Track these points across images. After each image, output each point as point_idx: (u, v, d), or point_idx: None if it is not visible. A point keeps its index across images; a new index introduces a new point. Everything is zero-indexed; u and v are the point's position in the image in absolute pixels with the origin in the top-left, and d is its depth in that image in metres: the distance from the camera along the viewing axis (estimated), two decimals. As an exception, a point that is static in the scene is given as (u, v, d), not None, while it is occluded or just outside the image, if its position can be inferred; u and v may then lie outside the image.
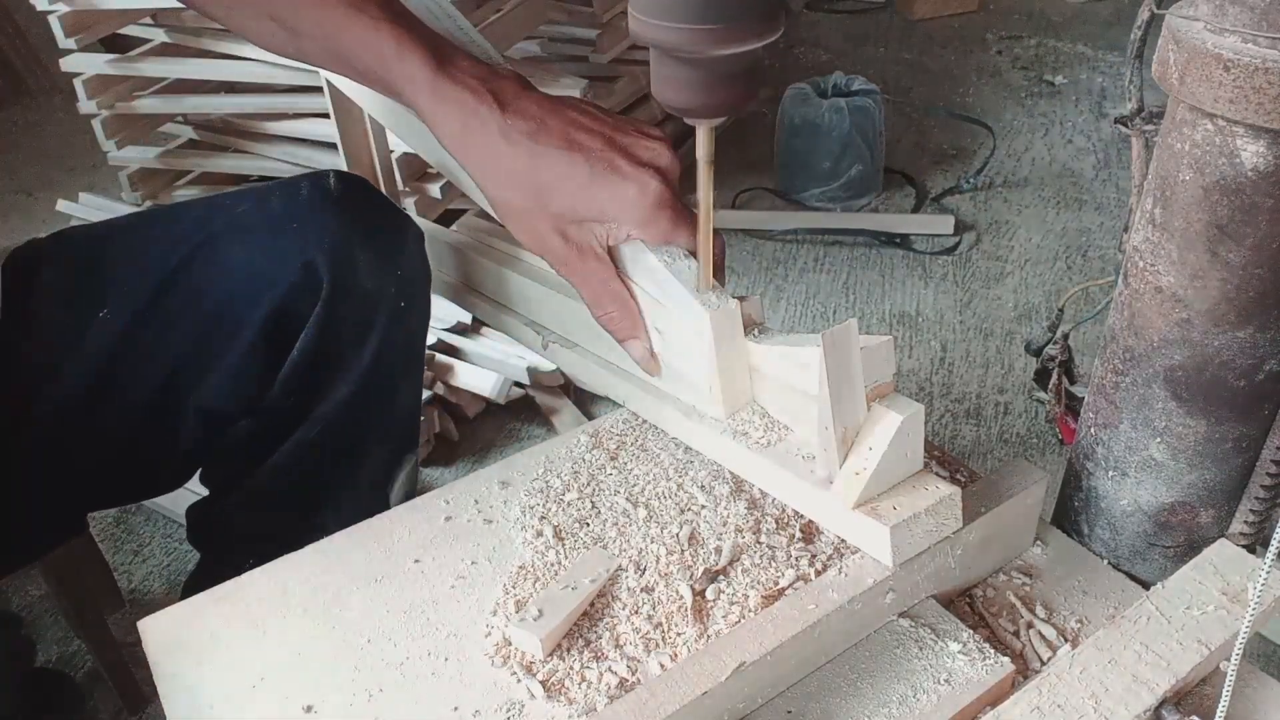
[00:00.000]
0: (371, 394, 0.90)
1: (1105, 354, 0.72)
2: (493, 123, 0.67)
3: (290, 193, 0.86)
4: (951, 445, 1.69)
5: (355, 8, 0.69)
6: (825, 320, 2.05)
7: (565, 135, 0.67)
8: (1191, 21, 0.58)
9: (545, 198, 0.67)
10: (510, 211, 0.70)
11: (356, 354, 0.88)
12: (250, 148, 2.15)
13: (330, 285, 0.84)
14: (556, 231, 0.69)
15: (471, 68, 0.69)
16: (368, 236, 0.87)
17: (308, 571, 0.70)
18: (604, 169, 0.66)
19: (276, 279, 0.84)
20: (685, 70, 0.62)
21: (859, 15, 3.65)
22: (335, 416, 0.90)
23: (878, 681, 0.63)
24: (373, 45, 0.69)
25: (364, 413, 0.91)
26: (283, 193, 0.87)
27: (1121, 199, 2.39)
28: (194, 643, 0.66)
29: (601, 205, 0.67)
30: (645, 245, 0.70)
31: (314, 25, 0.71)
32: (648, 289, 0.71)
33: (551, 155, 0.66)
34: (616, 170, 0.67)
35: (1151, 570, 0.74)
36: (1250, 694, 0.63)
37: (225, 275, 0.85)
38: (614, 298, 0.71)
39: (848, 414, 0.62)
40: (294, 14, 0.72)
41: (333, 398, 0.89)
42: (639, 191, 0.67)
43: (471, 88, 0.67)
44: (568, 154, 0.66)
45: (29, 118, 3.05)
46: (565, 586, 0.65)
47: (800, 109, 2.35)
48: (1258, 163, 0.57)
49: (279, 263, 0.84)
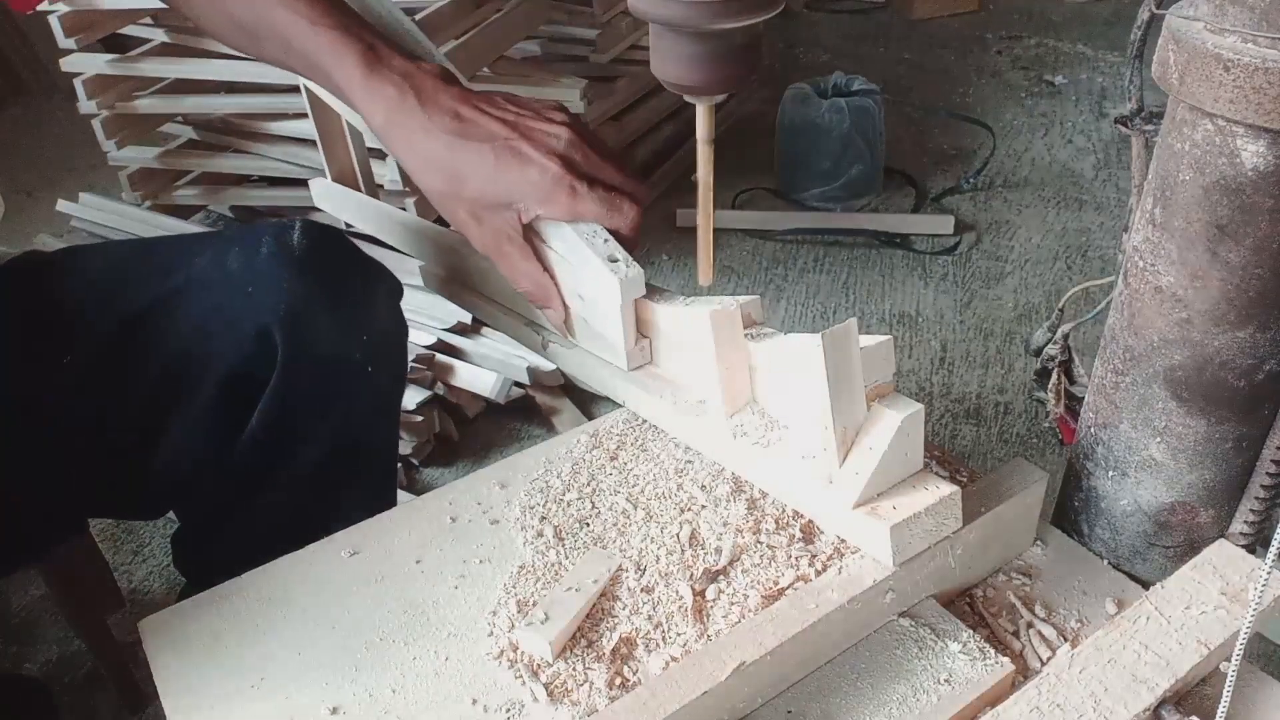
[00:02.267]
0: (341, 458, 0.88)
1: (1105, 354, 0.72)
2: (414, 116, 0.72)
3: (250, 249, 0.82)
4: (951, 445, 1.69)
5: (297, 10, 0.74)
6: (825, 320, 2.05)
7: (477, 125, 0.72)
8: (1191, 21, 0.58)
9: (460, 184, 0.72)
10: (433, 196, 0.74)
11: (320, 422, 0.85)
12: (250, 148, 2.15)
13: (286, 355, 0.80)
14: (473, 216, 0.73)
15: (400, 64, 0.74)
16: (331, 299, 0.82)
17: (308, 571, 0.70)
18: (508, 155, 0.71)
19: (230, 345, 0.81)
20: (684, 46, 0.62)
21: (859, 15, 3.65)
22: (303, 480, 0.88)
23: (878, 681, 0.63)
24: (312, 44, 0.74)
25: (333, 476, 0.89)
26: (244, 248, 0.82)
27: (1121, 199, 2.39)
28: (194, 643, 0.66)
29: (508, 189, 0.71)
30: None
31: (267, 28, 0.76)
32: (567, 257, 0.74)
33: (464, 145, 0.71)
34: (519, 155, 0.71)
35: (1151, 570, 0.74)
36: (1250, 694, 0.63)
37: (179, 336, 0.82)
38: (527, 274, 0.76)
39: (848, 414, 0.62)
40: (250, 16, 0.77)
41: (298, 463, 0.86)
42: (539, 174, 0.71)
43: (396, 84, 0.73)
44: (478, 144, 0.71)
45: (29, 118, 3.05)
46: (569, 588, 0.65)
47: (800, 109, 2.35)
48: (1258, 163, 0.57)
49: (233, 328, 0.81)
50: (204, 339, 0.81)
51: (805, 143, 2.35)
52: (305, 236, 0.82)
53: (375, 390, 0.88)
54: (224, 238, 0.85)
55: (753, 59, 0.64)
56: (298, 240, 0.81)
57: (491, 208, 0.73)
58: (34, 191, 2.53)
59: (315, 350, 0.82)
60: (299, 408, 0.84)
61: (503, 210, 0.73)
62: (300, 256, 0.81)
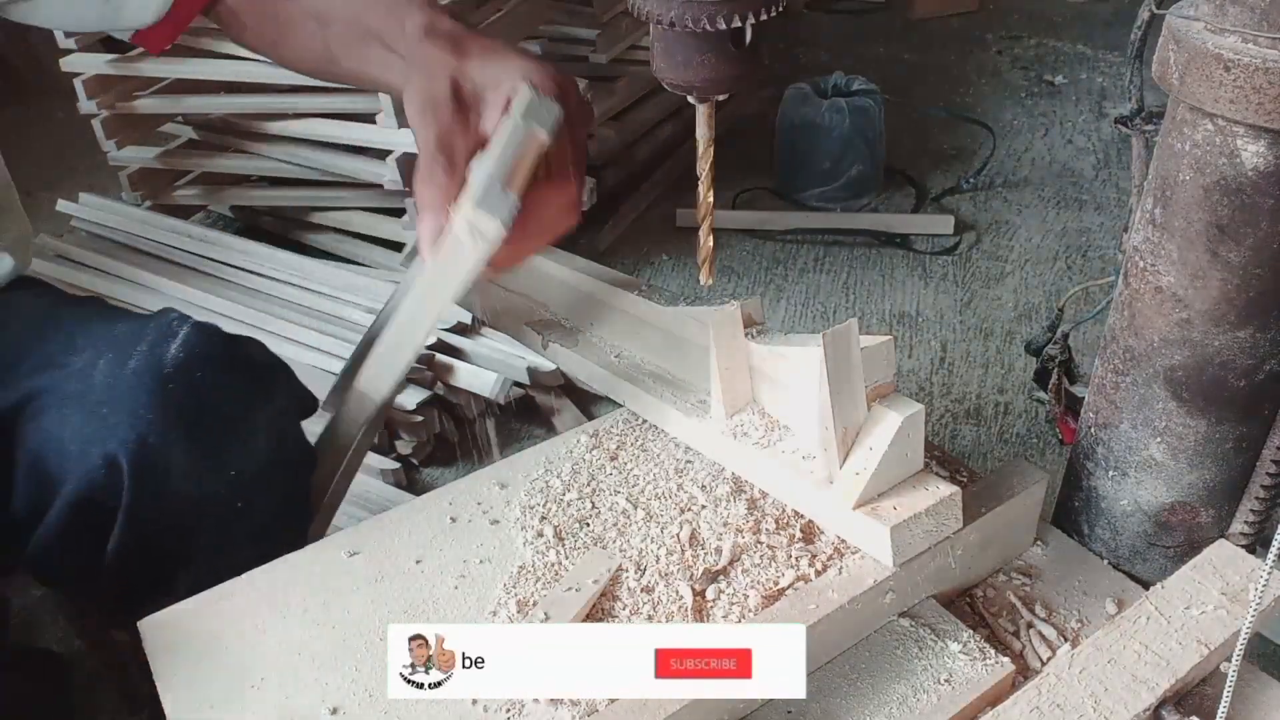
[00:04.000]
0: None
1: (1105, 354, 0.71)
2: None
3: (122, 357, 0.74)
4: (951, 445, 1.69)
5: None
6: (825, 320, 2.04)
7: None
8: (1191, 21, 0.58)
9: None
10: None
11: (181, 565, 0.77)
12: (250, 148, 2.15)
13: (132, 488, 0.72)
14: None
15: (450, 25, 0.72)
16: (194, 429, 0.73)
17: (308, 571, 0.70)
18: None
19: (77, 468, 0.73)
20: (685, 46, 0.62)
21: (859, 15, 3.65)
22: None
23: (878, 681, 0.63)
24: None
25: None
26: (118, 354, 0.74)
27: (1121, 199, 2.39)
28: (194, 643, 0.66)
29: (505, 69, 0.68)
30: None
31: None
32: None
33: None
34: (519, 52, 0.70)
35: (1151, 570, 0.74)
36: (1250, 694, 0.63)
37: (36, 444, 0.76)
38: (448, 156, 0.66)
39: (848, 414, 0.62)
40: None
41: (169, 597, 0.73)
42: (537, 63, 0.69)
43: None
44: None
45: (29, 118, 3.05)
46: (569, 588, 0.65)
47: (800, 109, 2.35)
48: (1258, 163, 0.57)
49: (82, 450, 0.73)
50: (56, 455, 0.75)
51: (805, 143, 2.35)
52: (184, 349, 0.74)
53: (253, 528, 0.78)
54: (108, 339, 0.77)
55: (753, 59, 0.64)
56: (173, 353, 0.74)
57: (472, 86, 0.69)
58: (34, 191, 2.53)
59: (169, 486, 0.73)
60: (153, 546, 0.76)
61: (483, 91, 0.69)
62: (168, 374, 0.73)
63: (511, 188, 0.61)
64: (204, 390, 0.75)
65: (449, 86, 0.68)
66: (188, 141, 2.26)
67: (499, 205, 0.60)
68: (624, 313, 0.82)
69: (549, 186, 0.66)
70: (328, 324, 1.77)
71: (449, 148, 0.66)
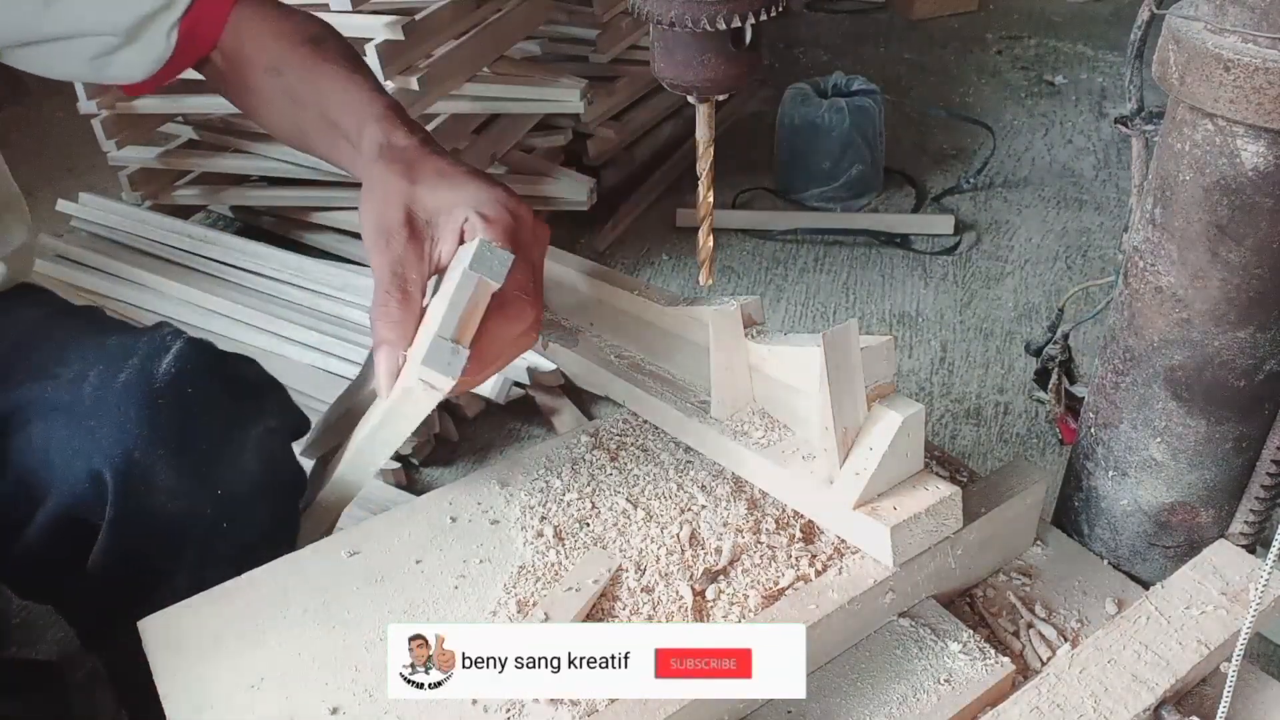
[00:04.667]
0: None
1: (1105, 354, 0.71)
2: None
3: (112, 370, 0.73)
4: (951, 445, 1.69)
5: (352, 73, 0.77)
6: (825, 320, 2.04)
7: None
8: (1191, 21, 0.58)
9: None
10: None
11: (164, 581, 0.75)
12: (250, 148, 2.15)
13: (116, 504, 0.72)
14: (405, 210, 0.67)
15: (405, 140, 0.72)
16: (181, 445, 0.73)
17: (308, 572, 0.70)
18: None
19: (61, 481, 0.73)
20: (685, 46, 0.62)
21: (859, 15, 3.65)
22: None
23: (878, 681, 0.63)
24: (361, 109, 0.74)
25: None
26: (108, 367, 0.74)
27: (1121, 199, 2.39)
28: (194, 643, 0.66)
29: (457, 196, 0.67)
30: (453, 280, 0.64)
31: (312, 92, 0.77)
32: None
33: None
34: (474, 176, 0.68)
35: (1151, 570, 0.74)
36: (1250, 694, 0.63)
37: (22, 457, 0.75)
38: (402, 289, 0.65)
39: (848, 414, 0.62)
40: (300, 81, 0.78)
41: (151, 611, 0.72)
42: (489, 187, 0.68)
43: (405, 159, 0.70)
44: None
45: (29, 118, 3.05)
46: (569, 588, 0.65)
47: (800, 109, 2.35)
48: (1258, 163, 0.57)
49: (67, 463, 0.72)
50: (43, 467, 0.74)
51: (805, 143, 2.35)
52: (176, 363, 0.73)
53: (238, 548, 0.76)
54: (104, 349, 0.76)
55: (753, 59, 0.64)
56: (164, 368, 0.73)
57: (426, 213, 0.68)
58: (34, 191, 2.53)
59: (153, 503, 0.72)
60: (136, 563, 0.75)
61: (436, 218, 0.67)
62: (158, 389, 0.72)
63: (462, 340, 0.61)
64: (194, 407, 0.73)
65: (402, 215, 0.66)
66: (188, 141, 2.26)
67: (448, 362, 0.60)
68: (624, 313, 0.82)
69: (504, 316, 0.64)
70: (328, 324, 1.77)
71: (403, 279, 0.65)
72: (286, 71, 0.80)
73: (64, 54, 0.79)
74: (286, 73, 0.80)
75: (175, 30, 0.79)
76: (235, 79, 0.84)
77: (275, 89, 0.81)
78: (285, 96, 0.80)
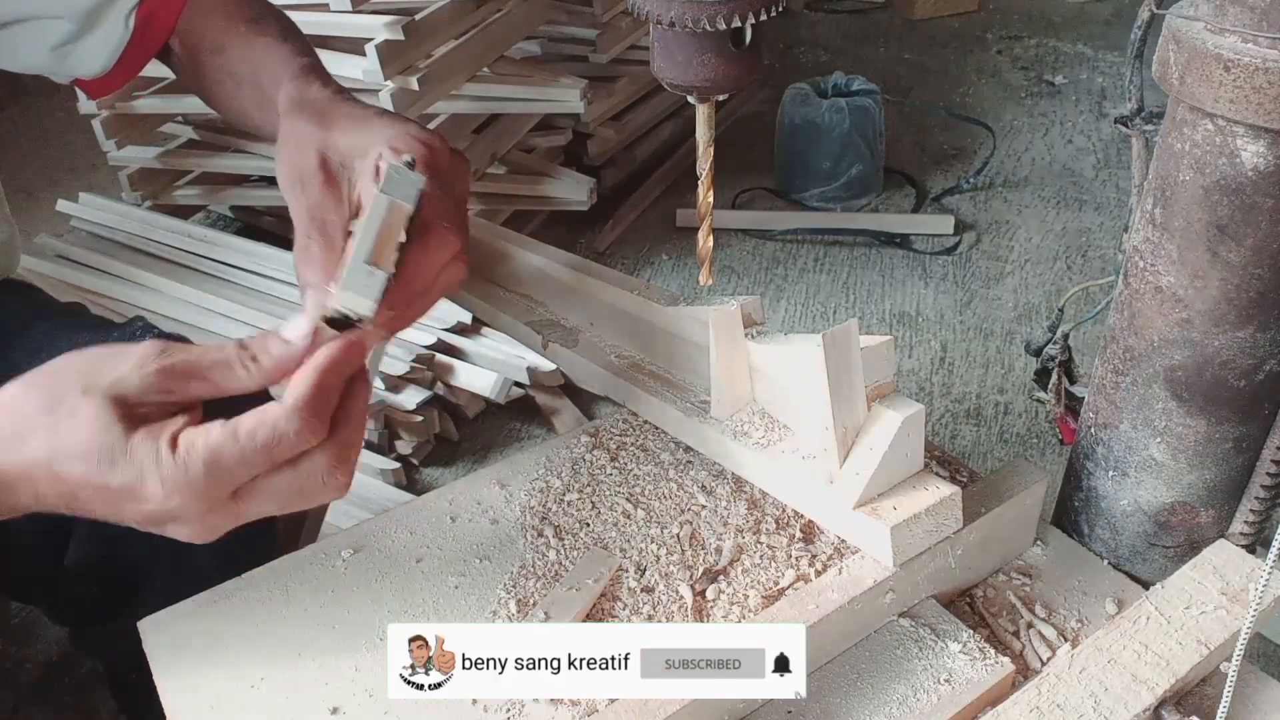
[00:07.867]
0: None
1: (1105, 354, 0.71)
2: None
3: None
4: (951, 445, 1.69)
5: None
6: (825, 320, 2.05)
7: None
8: (1191, 21, 0.58)
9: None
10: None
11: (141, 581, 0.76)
12: (250, 148, 2.15)
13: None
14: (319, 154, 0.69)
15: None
16: None
17: (308, 571, 0.70)
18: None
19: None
20: (685, 46, 0.62)
21: (859, 15, 3.65)
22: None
23: (878, 681, 0.63)
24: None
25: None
26: None
27: (1121, 199, 2.39)
28: (194, 643, 0.66)
29: (370, 137, 0.68)
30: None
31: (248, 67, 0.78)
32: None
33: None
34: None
35: (1151, 570, 0.74)
36: (1250, 694, 0.63)
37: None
38: (322, 231, 0.66)
39: (848, 414, 0.62)
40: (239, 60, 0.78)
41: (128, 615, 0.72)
42: (400, 123, 0.68)
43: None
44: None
45: (29, 118, 3.05)
46: (569, 588, 0.65)
47: (800, 109, 2.35)
48: (1258, 163, 0.57)
49: None
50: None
51: (805, 143, 2.35)
52: None
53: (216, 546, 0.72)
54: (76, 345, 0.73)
55: (754, 59, 0.64)
56: None
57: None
58: (34, 191, 2.53)
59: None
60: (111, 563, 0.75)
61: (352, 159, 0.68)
62: None
63: (381, 262, 0.60)
64: None
65: (316, 160, 0.67)
66: (188, 141, 2.27)
67: (367, 284, 0.59)
68: (624, 313, 0.82)
69: (426, 247, 0.64)
70: (328, 324, 1.77)
71: (321, 222, 0.65)
72: (227, 50, 0.80)
73: (25, 42, 0.79)
74: (227, 51, 0.80)
75: (133, 15, 0.79)
76: (191, 65, 0.84)
77: (219, 69, 0.81)
78: (227, 76, 0.80)
